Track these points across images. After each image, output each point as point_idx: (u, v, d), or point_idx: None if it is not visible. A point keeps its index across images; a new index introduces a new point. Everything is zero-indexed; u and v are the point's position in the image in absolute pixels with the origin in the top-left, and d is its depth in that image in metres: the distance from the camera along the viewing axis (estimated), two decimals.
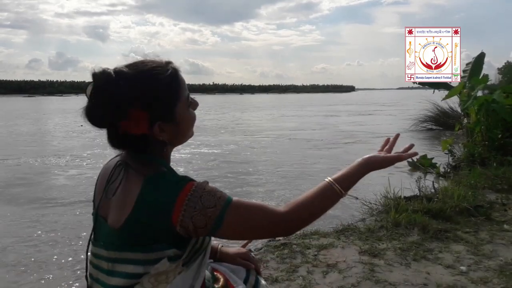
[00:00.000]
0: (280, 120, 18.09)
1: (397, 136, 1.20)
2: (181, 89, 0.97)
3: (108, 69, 0.92)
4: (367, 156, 1.06)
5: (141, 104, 0.90)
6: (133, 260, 0.89)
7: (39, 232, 3.85)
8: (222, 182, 5.82)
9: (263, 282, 1.25)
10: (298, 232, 3.26)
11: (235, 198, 0.91)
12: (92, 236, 0.99)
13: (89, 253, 1.01)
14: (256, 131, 13.34)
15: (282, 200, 4.83)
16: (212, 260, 1.22)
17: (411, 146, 1.13)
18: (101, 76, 0.90)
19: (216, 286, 1.07)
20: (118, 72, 0.91)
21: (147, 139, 0.93)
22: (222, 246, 1.28)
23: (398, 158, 1.08)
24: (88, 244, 1.00)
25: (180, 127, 0.97)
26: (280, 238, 3.08)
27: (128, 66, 0.94)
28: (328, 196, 0.98)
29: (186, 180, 0.90)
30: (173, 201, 0.85)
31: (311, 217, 0.96)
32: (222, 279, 1.10)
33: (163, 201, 0.86)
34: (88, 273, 0.99)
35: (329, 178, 1.00)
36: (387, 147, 1.16)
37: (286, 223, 0.92)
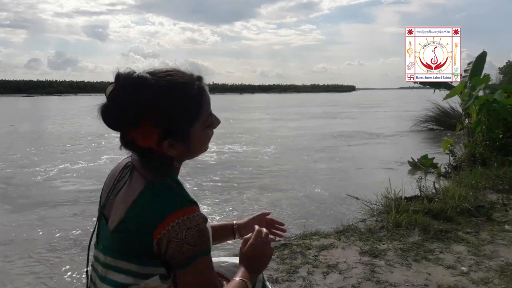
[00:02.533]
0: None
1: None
2: (202, 110, 0.92)
3: (134, 72, 0.89)
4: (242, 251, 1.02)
5: (155, 120, 0.87)
6: (125, 270, 0.88)
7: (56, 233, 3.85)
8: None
9: (269, 286, 1.23)
10: (298, 233, 3.26)
11: (209, 256, 0.88)
12: (95, 238, 0.99)
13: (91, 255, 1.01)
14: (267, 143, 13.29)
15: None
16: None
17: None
18: (124, 79, 0.87)
19: None
20: (142, 78, 0.88)
21: (152, 152, 0.90)
22: (235, 222, 1.28)
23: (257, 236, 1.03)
24: (89, 245, 1.00)
25: (193, 146, 0.94)
26: (280, 238, 3.07)
27: (154, 74, 0.90)
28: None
29: (187, 202, 0.87)
30: (163, 217, 0.83)
31: None
32: (225, 284, 1.09)
33: (154, 212, 0.84)
34: (89, 275, 0.99)
35: (240, 278, 0.96)
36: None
37: None
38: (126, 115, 0.86)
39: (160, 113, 0.87)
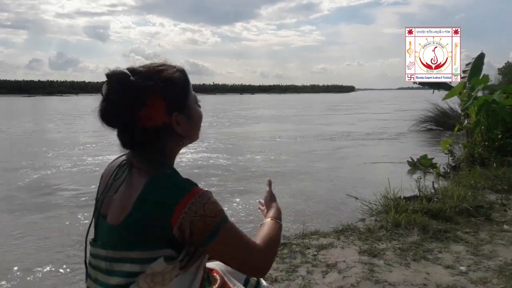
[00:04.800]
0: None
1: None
2: (189, 86, 1.02)
3: (120, 67, 0.94)
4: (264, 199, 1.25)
5: (160, 91, 0.93)
6: (129, 258, 0.89)
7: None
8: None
9: (264, 283, 1.25)
10: (297, 232, 3.26)
11: (230, 221, 0.93)
12: (92, 236, 0.99)
13: (87, 255, 1.00)
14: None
15: None
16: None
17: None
18: (116, 74, 0.92)
19: (214, 287, 1.06)
20: (131, 69, 0.95)
21: (164, 131, 0.95)
22: None
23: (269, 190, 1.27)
24: (86, 243, 1.00)
25: (192, 122, 1.01)
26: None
27: (140, 66, 0.98)
28: (278, 230, 1.09)
29: (192, 184, 0.90)
30: (176, 202, 0.86)
31: (277, 250, 1.06)
32: (219, 280, 1.10)
33: (166, 201, 0.86)
34: (87, 274, 0.99)
35: (268, 219, 1.12)
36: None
37: (265, 255, 0.98)
38: (133, 97, 0.90)
39: (159, 84, 0.93)
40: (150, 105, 0.91)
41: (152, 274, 0.88)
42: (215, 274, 1.12)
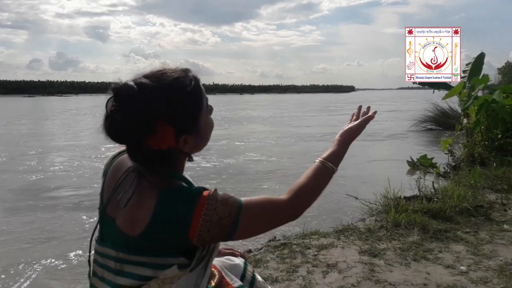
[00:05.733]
0: None
1: (360, 107, 1.25)
2: (202, 98, 0.95)
3: (130, 82, 0.88)
4: (341, 130, 1.17)
5: (167, 118, 0.88)
6: (142, 262, 0.89)
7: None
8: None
9: (259, 278, 1.26)
10: (298, 232, 3.26)
11: (243, 199, 0.91)
12: (97, 234, 0.98)
13: (92, 251, 1.00)
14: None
15: None
16: None
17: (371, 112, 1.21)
18: (124, 91, 0.86)
19: (212, 282, 1.07)
20: (140, 85, 0.87)
21: (170, 153, 0.92)
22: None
23: (366, 120, 1.17)
24: (91, 240, 1.00)
25: (202, 136, 0.97)
26: (280, 238, 3.08)
27: (149, 77, 0.90)
28: (323, 174, 1.04)
29: (199, 192, 0.88)
30: (190, 217, 0.85)
31: (313, 197, 1.01)
32: (217, 275, 1.11)
33: (180, 217, 0.86)
34: (91, 271, 0.98)
35: (320, 159, 1.06)
36: (354, 117, 1.22)
37: (292, 208, 0.96)
38: (141, 124, 0.86)
39: (169, 110, 0.88)
40: (159, 132, 0.87)
41: (163, 278, 0.90)
42: (213, 269, 1.13)
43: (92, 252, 1.01)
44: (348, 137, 1.14)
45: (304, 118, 19.37)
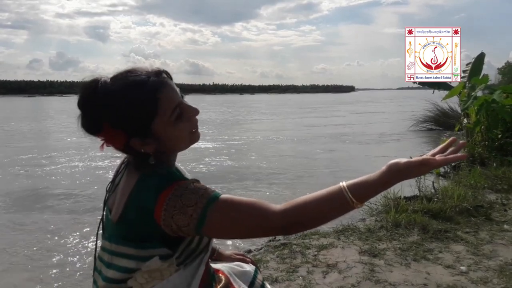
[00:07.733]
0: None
1: (453, 141, 0.93)
2: (158, 105, 0.89)
3: (96, 79, 0.91)
4: (399, 161, 0.89)
5: (112, 122, 0.89)
6: (126, 254, 0.91)
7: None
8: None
9: (268, 287, 1.25)
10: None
11: (224, 196, 0.86)
12: (101, 229, 1.02)
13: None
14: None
15: None
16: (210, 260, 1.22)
17: (462, 145, 0.92)
18: (85, 89, 0.91)
19: (218, 287, 1.07)
20: (103, 84, 0.90)
21: (133, 150, 0.92)
22: (219, 248, 1.31)
23: (445, 161, 0.87)
24: (97, 236, 1.04)
25: (162, 141, 0.92)
26: (280, 238, 3.08)
27: (114, 77, 0.92)
28: (337, 203, 0.85)
29: (173, 179, 0.89)
30: (155, 201, 0.86)
31: (313, 222, 0.87)
32: (223, 280, 1.10)
33: (146, 200, 0.87)
34: (95, 266, 1.01)
35: (344, 183, 0.87)
36: (438, 149, 0.92)
37: (281, 220, 0.83)
38: (88, 120, 0.91)
39: (115, 114, 0.89)
40: (106, 133, 0.90)
41: (149, 271, 0.90)
42: (220, 274, 1.12)
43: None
44: (398, 174, 0.87)
45: (326, 117, 19.33)
